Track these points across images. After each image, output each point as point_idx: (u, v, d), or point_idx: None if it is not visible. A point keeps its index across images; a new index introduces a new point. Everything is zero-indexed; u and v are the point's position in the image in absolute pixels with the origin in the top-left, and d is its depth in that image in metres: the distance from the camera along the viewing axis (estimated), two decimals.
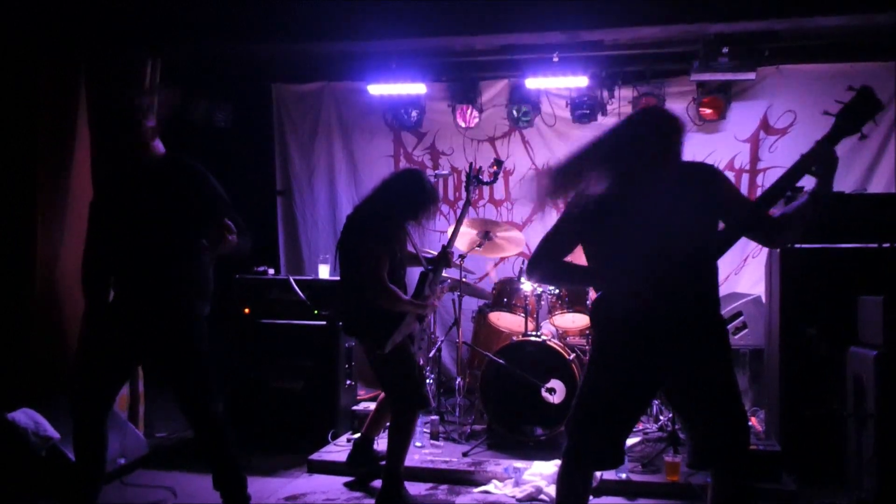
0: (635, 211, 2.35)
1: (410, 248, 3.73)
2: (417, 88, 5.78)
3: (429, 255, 3.87)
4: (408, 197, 3.54)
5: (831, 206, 2.42)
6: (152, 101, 3.50)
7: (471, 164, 4.18)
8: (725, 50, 4.95)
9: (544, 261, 2.50)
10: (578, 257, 2.54)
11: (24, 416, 3.64)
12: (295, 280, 4.82)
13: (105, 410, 3.12)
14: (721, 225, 2.40)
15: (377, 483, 3.75)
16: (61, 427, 3.61)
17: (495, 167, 4.21)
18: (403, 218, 3.56)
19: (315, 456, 4.24)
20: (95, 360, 3.11)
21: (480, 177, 4.17)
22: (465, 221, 4.48)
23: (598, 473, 3.58)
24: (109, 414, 3.15)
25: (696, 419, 2.44)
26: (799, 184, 2.35)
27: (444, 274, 3.86)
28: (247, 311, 4.83)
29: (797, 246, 4.03)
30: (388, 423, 3.76)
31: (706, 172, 2.44)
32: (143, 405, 4.63)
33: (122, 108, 3.14)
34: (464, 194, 6.12)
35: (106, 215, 3.17)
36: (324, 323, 4.72)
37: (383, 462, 3.69)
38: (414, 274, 3.77)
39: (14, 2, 4.21)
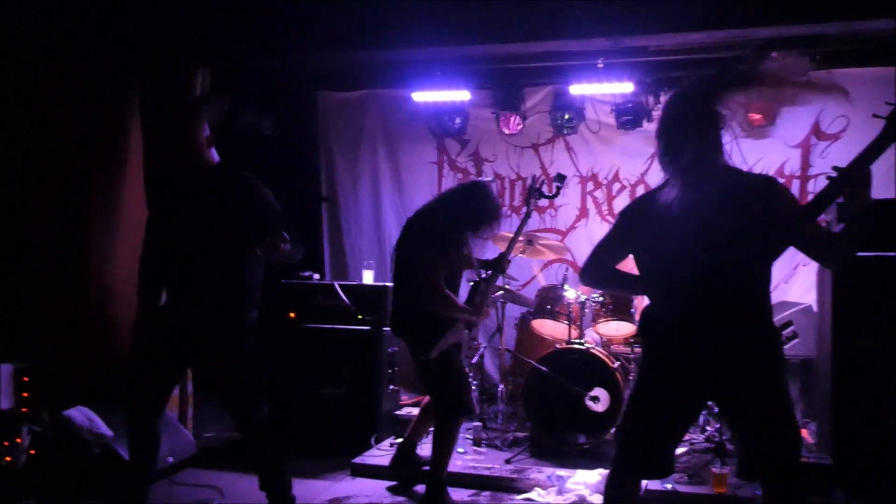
0: (684, 221, 2.33)
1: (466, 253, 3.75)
2: (461, 95, 5.80)
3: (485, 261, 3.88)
4: (472, 210, 3.58)
5: (881, 218, 2.30)
6: (205, 109, 3.58)
7: (534, 176, 4.16)
8: (774, 55, 4.85)
9: (596, 268, 2.60)
10: (630, 264, 2.56)
11: (80, 414, 3.76)
12: (339, 285, 4.88)
13: (158, 411, 3.20)
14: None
15: (420, 487, 3.78)
16: (114, 425, 3.72)
17: (558, 182, 4.20)
18: (464, 229, 3.60)
19: (358, 459, 4.28)
20: (147, 363, 3.19)
21: (543, 190, 4.17)
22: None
23: (643, 483, 3.54)
24: (162, 414, 3.24)
25: (744, 431, 2.38)
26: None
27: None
28: (292, 315, 4.91)
29: None
30: (431, 429, 3.78)
31: (763, 183, 2.39)
32: (192, 406, 4.72)
33: (176, 115, 3.22)
34: (507, 200, 6.23)
35: (160, 222, 3.26)
36: (367, 328, 4.76)
37: (426, 467, 3.72)
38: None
39: (69, 14, 4.37)
